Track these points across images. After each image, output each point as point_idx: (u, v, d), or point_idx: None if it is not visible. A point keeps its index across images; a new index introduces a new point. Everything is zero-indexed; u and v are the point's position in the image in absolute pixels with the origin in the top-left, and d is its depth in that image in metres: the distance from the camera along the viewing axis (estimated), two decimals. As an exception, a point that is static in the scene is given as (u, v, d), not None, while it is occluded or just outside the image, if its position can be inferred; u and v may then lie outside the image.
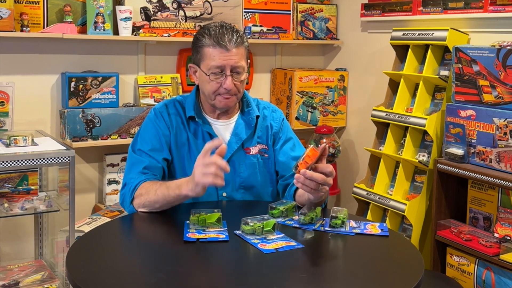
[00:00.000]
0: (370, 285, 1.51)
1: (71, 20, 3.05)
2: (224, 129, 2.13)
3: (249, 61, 2.11)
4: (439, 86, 3.09)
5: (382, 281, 1.54)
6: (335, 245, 1.76)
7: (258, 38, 3.64)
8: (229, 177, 2.06)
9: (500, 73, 2.62)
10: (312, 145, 1.82)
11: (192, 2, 3.44)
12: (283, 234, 1.74)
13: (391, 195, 3.15)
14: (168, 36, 3.32)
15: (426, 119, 2.96)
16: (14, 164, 2.55)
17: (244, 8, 3.64)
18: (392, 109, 3.22)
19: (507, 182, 2.53)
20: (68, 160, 2.65)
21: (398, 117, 3.13)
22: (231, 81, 2.00)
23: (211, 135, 2.08)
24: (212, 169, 1.76)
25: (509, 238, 2.62)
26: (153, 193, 1.92)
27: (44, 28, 3.03)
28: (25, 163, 2.58)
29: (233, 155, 2.10)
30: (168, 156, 2.06)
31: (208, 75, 2.00)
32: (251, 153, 2.13)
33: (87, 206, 3.30)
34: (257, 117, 2.15)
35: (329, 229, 1.81)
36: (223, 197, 2.09)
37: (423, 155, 3.06)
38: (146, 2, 3.30)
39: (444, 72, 3.01)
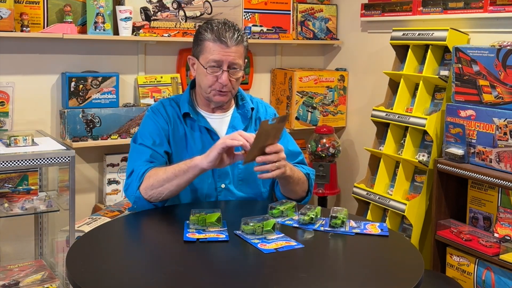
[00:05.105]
0: (370, 285, 1.51)
1: (71, 20, 3.05)
2: (220, 122, 2.17)
3: (246, 61, 2.16)
4: (439, 86, 3.09)
5: (382, 281, 1.54)
6: (335, 245, 1.76)
7: (258, 38, 3.64)
8: (228, 169, 2.11)
9: (500, 73, 2.62)
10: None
11: (192, 2, 3.44)
12: (283, 234, 1.74)
13: (391, 195, 3.15)
14: (168, 36, 3.32)
15: (426, 119, 2.96)
16: (14, 164, 2.55)
17: (244, 8, 3.64)
18: (392, 109, 3.22)
19: (507, 182, 2.53)
20: (68, 160, 2.65)
21: (398, 117, 3.13)
22: (227, 76, 2.05)
23: (208, 129, 2.13)
24: (233, 134, 1.86)
25: (509, 238, 2.62)
26: (163, 172, 1.95)
27: (44, 28, 3.03)
28: (25, 163, 2.58)
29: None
30: (168, 149, 2.11)
31: (206, 68, 2.06)
32: None
33: (87, 206, 3.30)
34: (252, 109, 2.22)
35: (329, 229, 1.81)
36: (221, 188, 2.11)
37: (423, 155, 3.06)
38: (146, 2, 3.30)
39: (444, 72, 3.01)
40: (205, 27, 2.09)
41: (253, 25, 3.65)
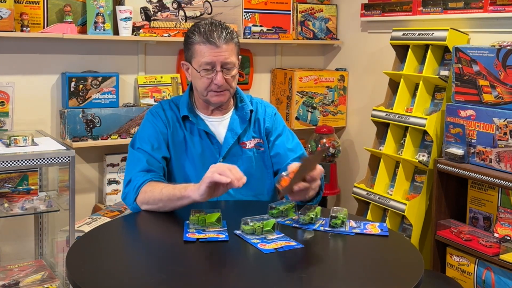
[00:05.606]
0: (370, 285, 1.51)
1: (71, 20, 3.05)
2: (219, 125, 2.16)
3: (240, 57, 2.15)
4: (439, 86, 3.09)
5: (382, 281, 1.54)
6: (335, 245, 1.76)
7: (258, 38, 3.64)
8: None
9: (500, 73, 2.62)
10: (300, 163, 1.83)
11: (192, 2, 3.44)
12: (283, 234, 1.74)
13: (391, 195, 3.15)
14: (168, 36, 3.32)
15: (426, 119, 2.96)
16: (14, 164, 2.55)
17: (244, 8, 3.64)
18: (392, 109, 3.22)
19: (507, 182, 2.53)
20: (68, 160, 2.65)
21: (398, 117, 3.13)
22: (221, 76, 2.04)
23: (207, 133, 2.12)
24: (223, 168, 1.76)
25: (509, 238, 2.62)
26: (159, 191, 1.93)
27: (44, 28, 3.03)
28: (25, 163, 2.58)
29: (230, 150, 2.12)
30: (166, 154, 2.09)
31: (199, 72, 2.05)
32: (247, 147, 2.16)
33: (87, 206, 3.30)
34: (251, 111, 2.20)
35: (329, 229, 1.81)
36: None
37: (423, 155, 3.06)
38: (146, 2, 3.30)
39: (444, 72, 3.01)
40: (192, 30, 2.07)
41: (253, 25, 3.65)
